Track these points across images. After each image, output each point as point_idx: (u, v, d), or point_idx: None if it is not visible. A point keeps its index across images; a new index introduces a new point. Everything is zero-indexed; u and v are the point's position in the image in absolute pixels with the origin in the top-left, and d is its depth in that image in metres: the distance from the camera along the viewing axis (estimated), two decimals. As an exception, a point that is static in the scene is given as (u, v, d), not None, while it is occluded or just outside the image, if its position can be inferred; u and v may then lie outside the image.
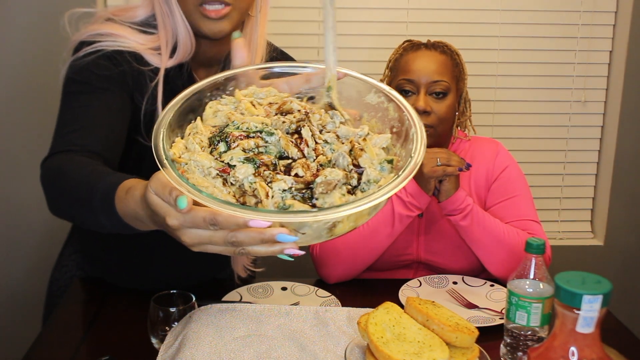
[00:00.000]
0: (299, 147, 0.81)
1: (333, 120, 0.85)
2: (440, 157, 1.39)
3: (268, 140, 0.81)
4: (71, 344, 1.16)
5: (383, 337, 1.00)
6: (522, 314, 1.07)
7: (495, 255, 1.44)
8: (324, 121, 0.85)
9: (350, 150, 0.81)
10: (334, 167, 0.80)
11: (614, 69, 2.43)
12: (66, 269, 1.47)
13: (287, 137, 0.82)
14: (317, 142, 0.82)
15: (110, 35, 1.19)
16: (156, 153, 0.76)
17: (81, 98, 1.16)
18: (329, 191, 0.77)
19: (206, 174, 0.78)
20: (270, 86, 0.91)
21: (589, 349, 0.80)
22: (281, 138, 0.81)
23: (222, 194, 0.75)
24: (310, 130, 0.83)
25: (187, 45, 1.20)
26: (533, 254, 1.09)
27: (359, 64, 2.35)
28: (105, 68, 1.17)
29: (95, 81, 1.16)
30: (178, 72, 1.24)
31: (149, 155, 1.06)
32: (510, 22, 2.37)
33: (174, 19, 1.17)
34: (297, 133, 0.83)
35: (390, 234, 1.46)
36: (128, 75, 1.19)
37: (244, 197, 0.76)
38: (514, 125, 2.46)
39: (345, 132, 0.84)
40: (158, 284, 1.24)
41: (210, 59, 1.28)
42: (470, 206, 1.43)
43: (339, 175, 0.78)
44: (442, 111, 1.46)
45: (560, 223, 2.57)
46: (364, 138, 0.83)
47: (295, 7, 2.32)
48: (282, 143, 0.81)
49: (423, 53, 1.49)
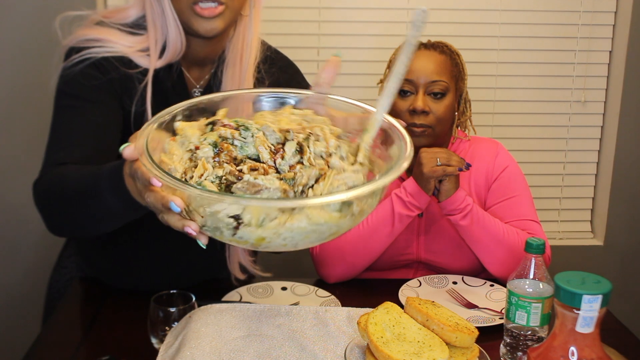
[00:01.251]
0: (274, 155, 0.83)
1: (336, 152, 0.85)
2: (440, 157, 1.39)
3: (244, 134, 0.84)
4: (71, 344, 1.16)
5: (383, 337, 1.01)
6: (521, 313, 1.07)
7: (495, 255, 1.44)
8: (327, 150, 0.85)
9: (319, 177, 0.82)
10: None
11: (613, 69, 2.43)
12: (65, 271, 1.47)
13: (264, 139, 0.84)
14: (300, 162, 0.83)
15: (98, 41, 1.19)
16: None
17: (70, 113, 1.17)
18: (249, 192, 0.78)
19: (185, 146, 0.83)
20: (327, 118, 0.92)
21: (589, 348, 0.80)
22: (256, 138, 0.84)
23: (175, 164, 0.80)
24: (300, 147, 0.84)
25: (177, 45, 1.20)
26: (533, 254, 1.09)
27: (359, 64, 2.35)
28: (93, 78, 1.18)
29: (84, 93, 1.17)
30: (167, 72, 1.24)
31: None
32: (510, 22, 2.37)
33: (165, 18, 1.17)
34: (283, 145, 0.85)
35: (390, 233, 1.46)
36: (116, 82, 1.20)
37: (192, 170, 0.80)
38: (514, 125, 2.46)
39: (334, 164, 0.84)
40: (157, 285, 1.24)
41: (203, 59, 1.28)
42: (470, 206, 1.43)
43: (274, 184, 0.79)
44: (441, 111, 1.46)
45: (560, 223, 2.57)
46: (339, 172, 0.83)
47: (295, 7, 2.32)
48: (255, 142, 0.84)
49: (422, 53, 1.49)
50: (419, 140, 1.47)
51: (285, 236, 0.76)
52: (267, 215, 0.75)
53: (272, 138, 0.86)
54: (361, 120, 0.91)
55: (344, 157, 0.85)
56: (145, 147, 0.78)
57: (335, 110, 0.94)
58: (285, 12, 2.31)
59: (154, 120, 0.86)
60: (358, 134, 0.89)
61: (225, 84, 1.26)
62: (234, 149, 0.84)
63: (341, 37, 2.35)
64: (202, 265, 1.41)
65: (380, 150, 0.88)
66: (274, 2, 2.30)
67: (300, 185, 0.81)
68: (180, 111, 0.88)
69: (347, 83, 2.37)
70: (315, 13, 2.33)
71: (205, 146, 0.83)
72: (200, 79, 1.30)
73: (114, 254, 1.37)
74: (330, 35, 2.35)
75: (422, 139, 1.47)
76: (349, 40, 2.35)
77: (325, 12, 2.33)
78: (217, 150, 0.83)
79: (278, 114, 0.91)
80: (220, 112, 0.91)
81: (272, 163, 0.83)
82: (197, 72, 1.29)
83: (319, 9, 2.32)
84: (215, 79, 1.28)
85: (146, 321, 1.10)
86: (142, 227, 1.27)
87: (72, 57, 1.18)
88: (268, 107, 0.95)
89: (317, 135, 0.86)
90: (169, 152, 0.83)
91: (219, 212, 0.75)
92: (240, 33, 1.26)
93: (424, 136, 1.47)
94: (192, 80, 1.29)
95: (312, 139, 0.85)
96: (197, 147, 0.83)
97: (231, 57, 1.26)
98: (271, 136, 0.86)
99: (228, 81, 1.26)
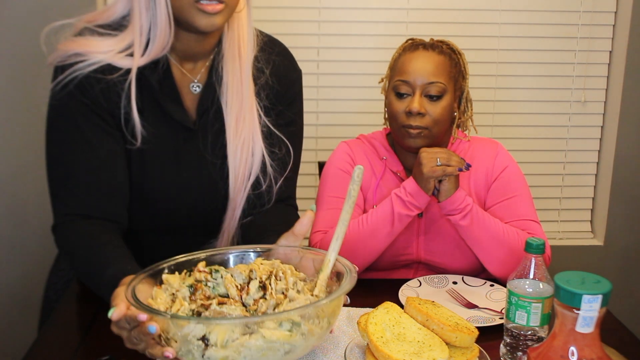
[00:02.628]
0: (241, 292, 1.00)
1: (293, 288, 1.01)
2: (440, 157, 1.39)
3: (214, 276, 1.02)
4: (71, 344, 1.16)
5: (383, 336, 1.01)
6: (521, 313, 1.07)
7: (495, 255, 1.44)
8: (287, 287, 1.01)
9: (275, 306, 0.98)
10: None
11: (613, 69, 2.43)
12: (63, 273, 1.47)
13: (231, 279, 1.02)
14: (263, 297, 0.99)
15: (79, 55, 1.19)
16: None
17: (67, 149, 1.21)
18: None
19: (168, 291, 1.01)
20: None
21: (589, 348, 0.80)
22: (225, 278, 1.02)
23: (158, 305, 0.98)
24: (262, 283, 1.01)
25: (163, 38, 1.20)
26: (533, 254, 1.09)
27: (359, 64, 2.35)
28: (81, 103, 1.20)
29: (76, 122, 1.20)
30: (153, 69, 1.24)
31: (137, 159, 1.23)
32: (510, 22, 2.37)
33: (155, 10, 1.18)
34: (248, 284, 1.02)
35: (389, 233, 1.46)
36: (100, 97, 1.21)
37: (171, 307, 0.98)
38: (514, 125, 2.46)
39: (291, 295, 1.00)
40: None
41: (196, 54, 1.29)
42: (470, 206, 1.43)
43: (236, 312, 0.95)
44: (437, 113, 1.46)
45: (560, 223, 2.58)
46: (292, 300, 0.99)
47: (295, 7, 2.32)
48: (225, 282, 1.01)
49: (420, 54, 1.48)
50: (415, 141, 1.47)
51: (245, 354, 0.89)
52: (229, 337, 0.89)
53: (240, 279, 1.03)
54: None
55: (300, 291, 1.01)
56: (132, 291, 0.95)
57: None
58: (285, 12, 2.32)
59: (141, 272, 1.02)
60: (315, 275, 1.06)
61: (226, 78, 1.27)
62: (208, 289, 1.01)
63: (341, 37, 2.35)
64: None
65: (335, 287, 1.02)
66: (274, 2, 2.31)
67: (260, 312, 0.97)
68: (167, 266, 1.06)
69: (347, 83, 2.38)
70: (315, 13, 2.33)
71: (183, 288, 1.01)
72: (195, 73, 1.31)
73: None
74: (330, 35, 2.35)
75: (419, 140, 1.47)
76: (349, 40, 2.35)
77: (325, 12, 2.33)
78: (193, 290, 1.00)
79: (250, 265, 1.08)
80: (199, 264, 1.08)
81: (239, 299, 0.99)
82: (191, 66, 1.30)
83: (319, 9, 2.32)
84: (216, 74, 1.29)
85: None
86: (138, 237, 1.31)
87: (58, 79, 1.20)
88: (241, 261, 1.13)
89: (279, 276, 1.02)
90: (155, 297, 1.00)
91: (189, 334, 0.89)
92: (235, 29, 1.27)
93: (420, 137, 1.46)
94: (187, 74, 1.30)
95: (274, 278, 1.02)
96: (177, 290, 1.01)
97: (230, 53, 1.27)
98: (238, 277, 1.03)
99: (229, 75, 1.27)
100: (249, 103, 1.29)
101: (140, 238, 1.34)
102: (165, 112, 1.26)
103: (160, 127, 1.26)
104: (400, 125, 1.47)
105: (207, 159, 1.29)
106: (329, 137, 2.36)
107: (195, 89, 1.30)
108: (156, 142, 1.25)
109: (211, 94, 1.29)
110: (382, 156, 1.58)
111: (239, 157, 1.29)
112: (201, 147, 1.29)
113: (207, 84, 1.29)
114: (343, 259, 1.05)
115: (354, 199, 1.06)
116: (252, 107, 1.29)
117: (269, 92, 1.33)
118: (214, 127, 1.29)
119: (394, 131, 1.52)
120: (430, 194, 1.43)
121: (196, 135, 1.29)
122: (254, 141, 1.30)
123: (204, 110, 1.29)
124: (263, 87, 1.32)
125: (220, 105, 1.29)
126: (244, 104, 1.28)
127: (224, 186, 1.30)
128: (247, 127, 1.29)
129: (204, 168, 1.30)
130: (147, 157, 1.26)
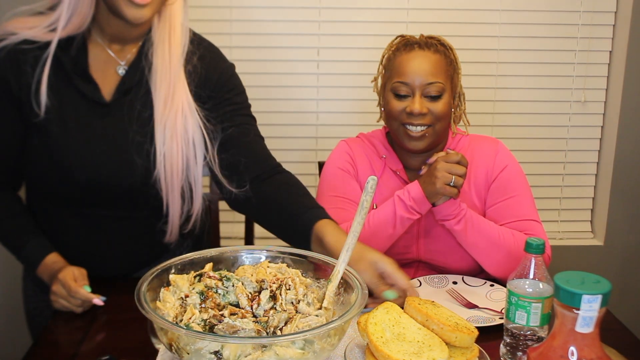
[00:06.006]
0: (252, 301, 1.01)
1: (303, 299, 1.02)
2: (457, 180, 1.38)
3: (226, 284, 1.03)
4: (71, 344, 1.16)
5: (383, 336, 1.01)
6: (521, 313, 1.07)
7: (492, 258, 1.44)
8: (297, 297, 1.02)
9: (288, 320, 0.98)
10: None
11: (613, 69, 2.43)
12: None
13: (242, 288, 1.02)
14: (273, 308, 1.00)
15: (9, 33, 1.27)
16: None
17: None
18: (228, 332, 0.94)
19: (177, 295, 1.02)
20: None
21: (589, 348, 0.80)
22: (236, 287, 1.02)
23: (167, 309, 0.99)
24: (273, 294, 1.02)
25: (83, 15, 1.26)
26: (533, 254, 1.08)
27: (359, 64, 2.35)
28: None
29: None
30: (68, 47, 1.29)
31: (43, 129, 1.30)
32: (510, 22, 2.37)
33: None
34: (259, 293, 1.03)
35: (391, 235, 1.46)
36: (7, 70, 1.27)
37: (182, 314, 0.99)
38: (514, 125, 2.46)
39: (302, 309, 1.01)
40: (113, 270, 1.41)
41: (125, 38, 1.34)
42: (464, 211, 1.43)
43: (249, 326, 0.94)
44: (439, 109, 1.46)
45: (560, 223, 2.58)
46: (304, 316, 1.00)
47: (295, 7, 2.32)
48: (236, 290, 1.02)
49: (417, 54, 1.48)
50: (417, 144, 1.47)
51: None
52: (242, 352, 0.89)
53: (250, 287, 1.04)
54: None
55: (310, 303, 1.03)
56: (143, 295, 0.96)
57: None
58: (285, 12, 2.32)
59: (149, 273, 1.03)
60: (324, 284, 1.08)
61: (156, 64, 1.32)
62: (218, 296, 1.01)
63: (341, 37, 2.35)
64: (143, 251, 1.46)
65: (342, 297, 1.05)
66: (274, 2, 2.31)
67: (272, 327, 0.97)
68: (174, 265, 1.07)
69: (347, 83, 2.38)
70: (315, 13, 2.33)
71: (194, 294, 1.01)
72: (122, 55, 1.36)
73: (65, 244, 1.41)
74: (330, 35, 2.35)
75: (420, 143, 1.46)
76: (349, 40, 2.35)
77: (325, 12, 2.33)
78: (203, 298, 1.00)
79: (257, 267, 1.10)
80: (207, 265, 1.09)
81: (250, 309, 1.00)
82: (119, 47, 1.35)
83: (319, 9, 2.32)
84: (146, 59, 1.33)
85: (146, 321, 1.10)
86: (80, 212, 1.38)
87: None
88: (248, 262, 1.15)
89: (288, 285, 1.03)
90: (163, 300, 1.01)
91: (202, 349, 0.90)
92: (166, 18, 1.33)
93: (422, 140, 1.46)
94: (113, 56, 1.35)
95: (284, 288, 1.03)
96: (187, 295, 1.01)
97: (159, 40, 1.32)
98: (249, 286, 1.04)
99: (159, 61, 1.32)
100: (180, 87, 1.33)
101: (86, 213, 1.38)
102: (77, 88, 1.31)
103: (70, 101, 1.30)
104: (401, 123, 1.47)
105: (128, 136, 1.32)
106: (328, 137, 2.36)
107: (121, 71, 1.35)
108: (62, 114, 1.30)
109: (137, 76, 1.33)
110: (382, 155, 1.58)
111: (168, 137, 1.31)
112: (119, 124, 1.33)
113: (133, 65, 1.34)
114: (354, 272, 1.06)
115: (367, 210, 1.07)
116: (182, 91, 1.33)
117: (197, 78, 1.37)
118: (138, 106, 1.33)
119: (392, 131, 1.52)
120: (432, 202, 1.43)
121: (112, 113, 1.33)
122: (187, 122, 1.33)
123: (125, 89, 1.33)
124: (190, 73, 1.36)
125: (149, 87, 1.33)
126: (171, 87, 1.32)
127: (144, 163, 1.33)
128: (176, 110, 1.32)
129: (119, 143, 1.32)
130: (53, 127, 1.30)
